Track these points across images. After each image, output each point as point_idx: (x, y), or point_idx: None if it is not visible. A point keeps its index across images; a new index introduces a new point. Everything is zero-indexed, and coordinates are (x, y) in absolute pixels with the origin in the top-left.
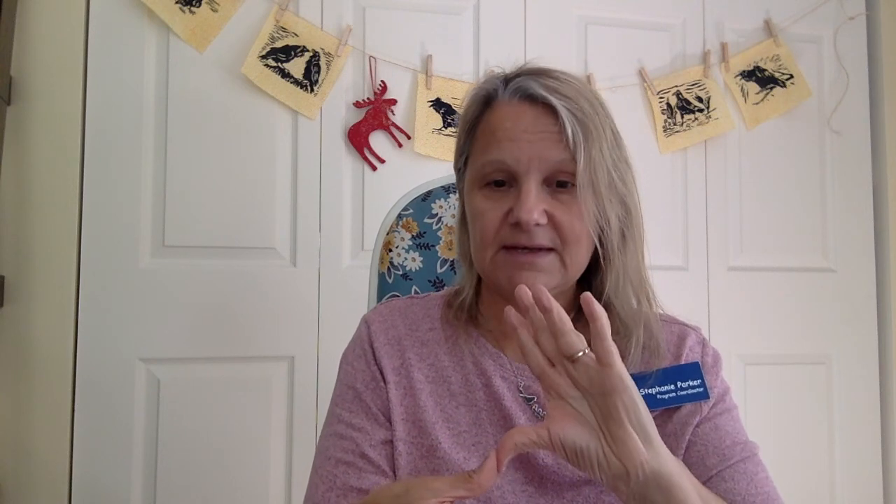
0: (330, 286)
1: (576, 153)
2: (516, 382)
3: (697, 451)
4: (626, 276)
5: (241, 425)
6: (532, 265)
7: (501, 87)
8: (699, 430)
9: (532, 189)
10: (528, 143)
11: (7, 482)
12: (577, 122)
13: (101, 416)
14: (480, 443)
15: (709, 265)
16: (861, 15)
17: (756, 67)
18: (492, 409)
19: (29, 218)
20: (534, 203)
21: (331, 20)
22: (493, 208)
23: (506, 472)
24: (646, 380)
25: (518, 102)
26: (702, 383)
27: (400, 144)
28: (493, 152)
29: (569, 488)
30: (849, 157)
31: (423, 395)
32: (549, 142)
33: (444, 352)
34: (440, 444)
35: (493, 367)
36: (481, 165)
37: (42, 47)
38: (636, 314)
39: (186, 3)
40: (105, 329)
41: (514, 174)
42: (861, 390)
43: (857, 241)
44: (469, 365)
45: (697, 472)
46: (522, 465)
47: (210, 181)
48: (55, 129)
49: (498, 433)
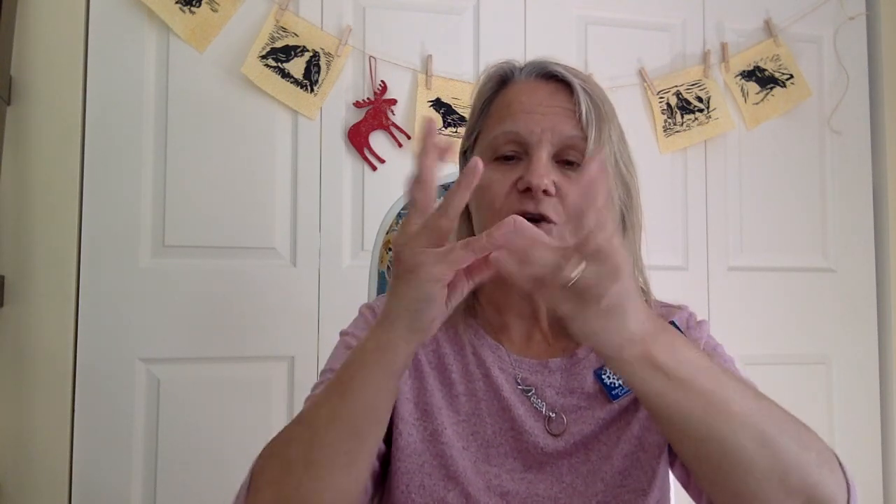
0: (330, 286)
1: (588, 130)
2: (514, 374)
3: None
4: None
5: (241, 425)
6: None
7: (517, 69)
8: None
9: (544, 157)
10: (542, 116)
11: (7, 482)
12: (591, 102)
13: (101, 416)
14: (479, 433)
15: (709, 265)
16: (861, 15)
17: (756, 67)
18: (490, 399)
19: (29, 218)
20: (544, 170)
21: (331, 20)
22: (501, 179)
23: (503, 460)
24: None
25: (535, 80)
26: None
27: (400, 144)
28: (507, 124)
29: (567, 472)
30: (849, 157)
31: (429, 378)
32: (563, 116)
33: (445, 340)
34: (444, 430)
35: (491, 358)
36: (493, 138)
37: (42, 47)
38: None
39: (186, 3)
40: (105, 329)
41: (526, 145)
42: (861, 390)
43: (857, 241)
44: (469, 355)
45: None
46: (521, 454)
47: (210, 181)
48: (55, 129)
49: (496, 423)
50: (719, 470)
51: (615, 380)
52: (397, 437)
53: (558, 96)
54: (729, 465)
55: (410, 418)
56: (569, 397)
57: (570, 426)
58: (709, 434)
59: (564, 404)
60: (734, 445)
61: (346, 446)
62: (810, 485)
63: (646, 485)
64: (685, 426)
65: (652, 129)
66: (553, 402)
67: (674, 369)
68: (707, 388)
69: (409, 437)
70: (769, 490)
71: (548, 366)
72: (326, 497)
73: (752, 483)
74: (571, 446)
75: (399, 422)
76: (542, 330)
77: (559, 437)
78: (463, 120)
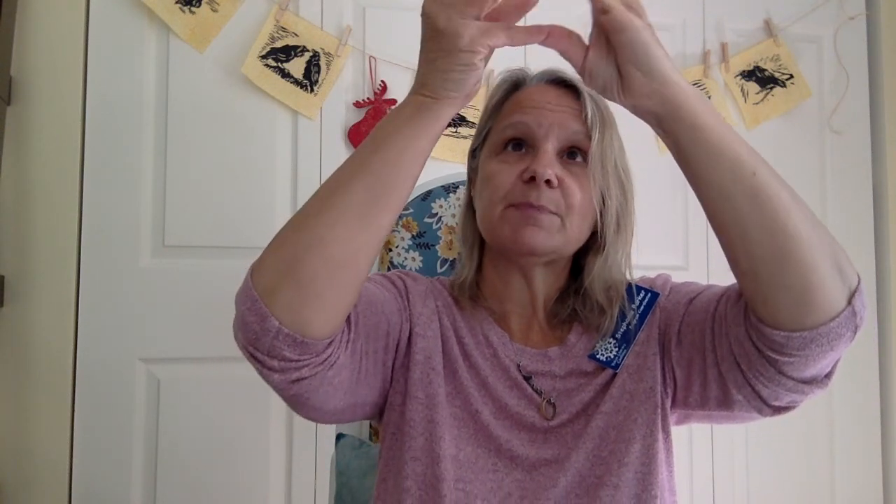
0: None
1: (592, 130)
2: (516, 361)
3: (667, 323)
4: (613, 260)
5: (241, 425)
6: (537, 220)
7: (530, 75)
8: (662, 318)
9: (549, 150)
10: (550, 112)
11: (7, 482)
12: (596, 106)
13: (101, 416)
14: (491, 400)
15: (709, 265)
16: (861, 15)
17: (756, 67)
18: (498, 375)
19: (29, 218)
20: (549, 161)
21: (331, 20)
22: (506, 169)
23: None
24: (616, 333)
25: (545, 84)
26: (647, 291)
27: None
28: (516, 116)
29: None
30: (849, 157)
31: (450, 342)
32: (570, 115)
33: (459, 317)
34: (466, 389)
35: (498, 342)
36: (502, 129)
37: (42, 47)
38: (610, 295)
39: (186, 3)
40: (105, 329)
41: (532, 138)
42: (861, 390)
43: (857, 241)
44: (479, 335)
45: (675, 327)
46: (525, 427)
47: (210, 181)
48: (55, 129)
49: (504, 397)
50: (782, 256)
51: (608, 353)
52: (427, 385)
53: (566, 98)
54: (792, 247)
55: (439, 368)
56: (568, 380)
57: (569, 404)
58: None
59: (564, 387)
60: (793, 229)
61: (367, 195)
62: (835, 251)
63: (637, 434)
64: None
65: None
66: (552, 387)
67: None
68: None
69: (437, 387)
70: (827, 269)
71: (547, 354)
72: (330, 250)
73: (816, 264)
74: (573, 416)
75: (420, 366)
76: (539, 320)
77: (560, 415)
78: (463, 119)
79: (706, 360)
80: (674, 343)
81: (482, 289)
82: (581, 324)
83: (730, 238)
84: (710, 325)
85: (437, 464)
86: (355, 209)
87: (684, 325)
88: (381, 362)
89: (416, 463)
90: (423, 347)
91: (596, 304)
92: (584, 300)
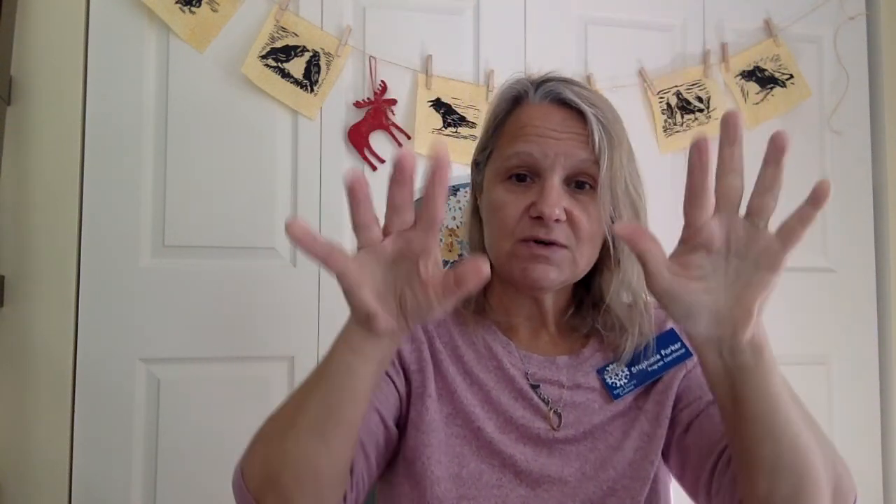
0: (330, 286)
1: (600, 157)
2: (524, 369)
3: (685, 400)
4: (630, 277)
5: (241, 425)
6: (547, 259)
7: (532, 89)
8: (683, 383)
9: (556, 184)
10: (555, 141)
11: (7, 482)
12: (603, 129)
13: (101, 416)
14: (494, 415)
15: None
16: (861, 15)
17: (756, 67)
18: (503, 387)
19: (29, 218)
20: (556, 198)
21: (331, 20)
22: (514, 202)
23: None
24: (638, 359)
25: (548, 105)
26: (682, 345)
27: (400, 144)
28: (520, 145)
29: (575, 458)
30: (849, 157)
31: (446, 363)
32: (576, 142)
33: (456, 333)
34: (465, 409)
35: (502, 352)
36: (507, 157)
37: (42, 47)
38: (632, 314)
39: (186, 3)
40: (105, 329)
41: (538, 169)
42: (861, 390)
43: (857, 241)
44: (481, 348)
45: (689, 412)
46: (531, 440)
47: (210, 181)
48: (55, 129)
49: (509, 410)
50: (789, 472)
51: (616, 380)
52: (421, 412)
53: (571, 122)
54: (802, 468)
55: (433, 393)
56: (576, 392)
57: (576, 418)
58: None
59: (571, 398)
60: (804, 448)
61: (320, 418)
62: (839, 474)
63: (651, 474)
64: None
65: (652, 129)
66: (560, 396)
67: (773, 368)
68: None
69: (434, 413)
70: (824, 483)
71: (555, 362)
72: (304, 463)
73: (814, 479)
74: (580, 434)
75: (417, 400)
76: (549, 331)
77: (566, 428)
78: (463, 120)
79: (698, 490)
80: (680, 429)
81: (489, 299)
82: (600, 340)
83: (756, 473)
84: (711, 468)
85: (435, 485)
86: (315, 429)
87: (693, 427)
88: (392, 445)
89: (413, 489)
90: (418, 381)
91: (617, 321)
92: (604, 318)
